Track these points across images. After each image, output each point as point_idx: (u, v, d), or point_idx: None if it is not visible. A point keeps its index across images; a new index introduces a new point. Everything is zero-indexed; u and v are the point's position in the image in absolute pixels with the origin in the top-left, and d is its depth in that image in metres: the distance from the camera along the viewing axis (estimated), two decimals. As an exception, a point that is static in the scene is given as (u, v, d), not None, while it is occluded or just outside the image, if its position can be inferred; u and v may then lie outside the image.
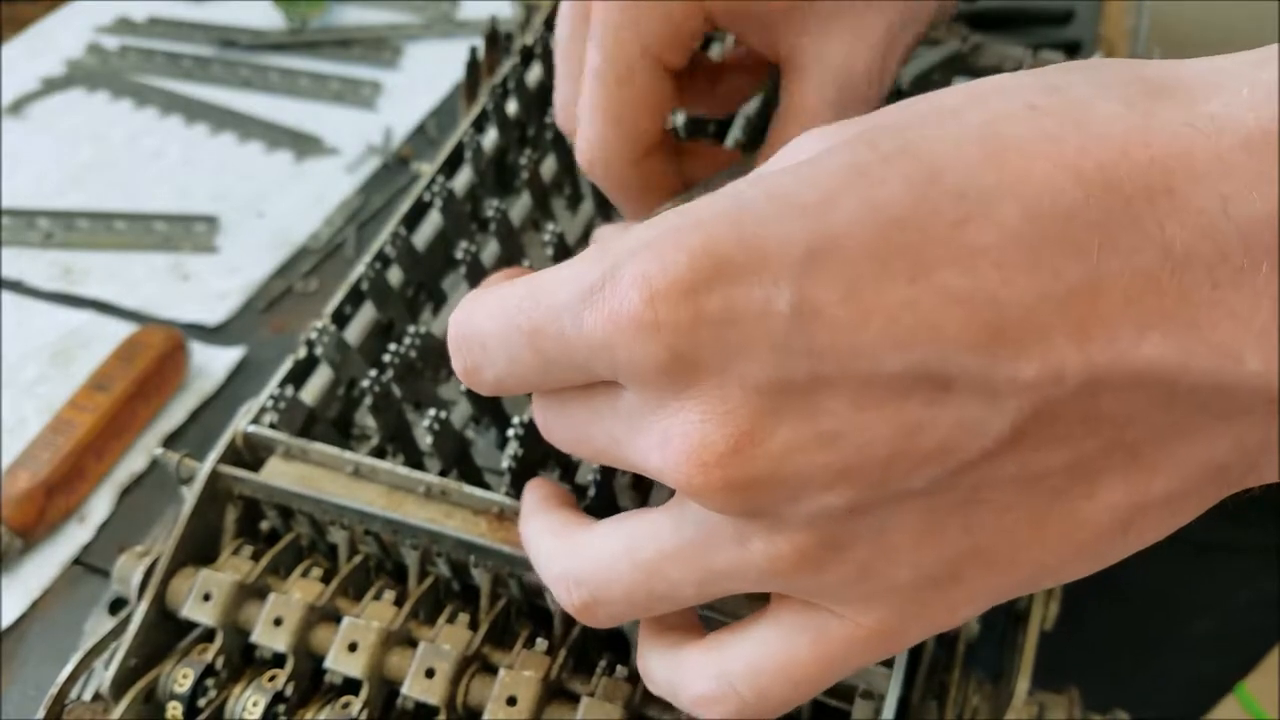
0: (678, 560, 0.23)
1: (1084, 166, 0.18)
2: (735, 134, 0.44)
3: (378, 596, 0.32)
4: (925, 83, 0.44)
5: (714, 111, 0.39)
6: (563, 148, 0.46)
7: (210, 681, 0.32)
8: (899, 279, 0.19)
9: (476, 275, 0.39)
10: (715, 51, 0.44)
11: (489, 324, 0.23)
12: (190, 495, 0.33)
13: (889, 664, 0.29)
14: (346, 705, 0.31)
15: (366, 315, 0.39)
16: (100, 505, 0.49)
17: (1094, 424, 0.19)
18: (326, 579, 0.33)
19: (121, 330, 0.55)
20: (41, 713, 0.32)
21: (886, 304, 0.19)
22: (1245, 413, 0.19)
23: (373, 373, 0.34)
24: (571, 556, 0.25)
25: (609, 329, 0.20)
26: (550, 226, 0.39)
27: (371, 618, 0.31)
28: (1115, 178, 0.18)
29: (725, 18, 0.32)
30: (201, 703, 0.31)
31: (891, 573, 0.21)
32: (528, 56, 0.49)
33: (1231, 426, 0.19)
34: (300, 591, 0.32)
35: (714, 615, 0.29)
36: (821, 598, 0.22)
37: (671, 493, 0.24)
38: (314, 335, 0.36)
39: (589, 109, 0.32)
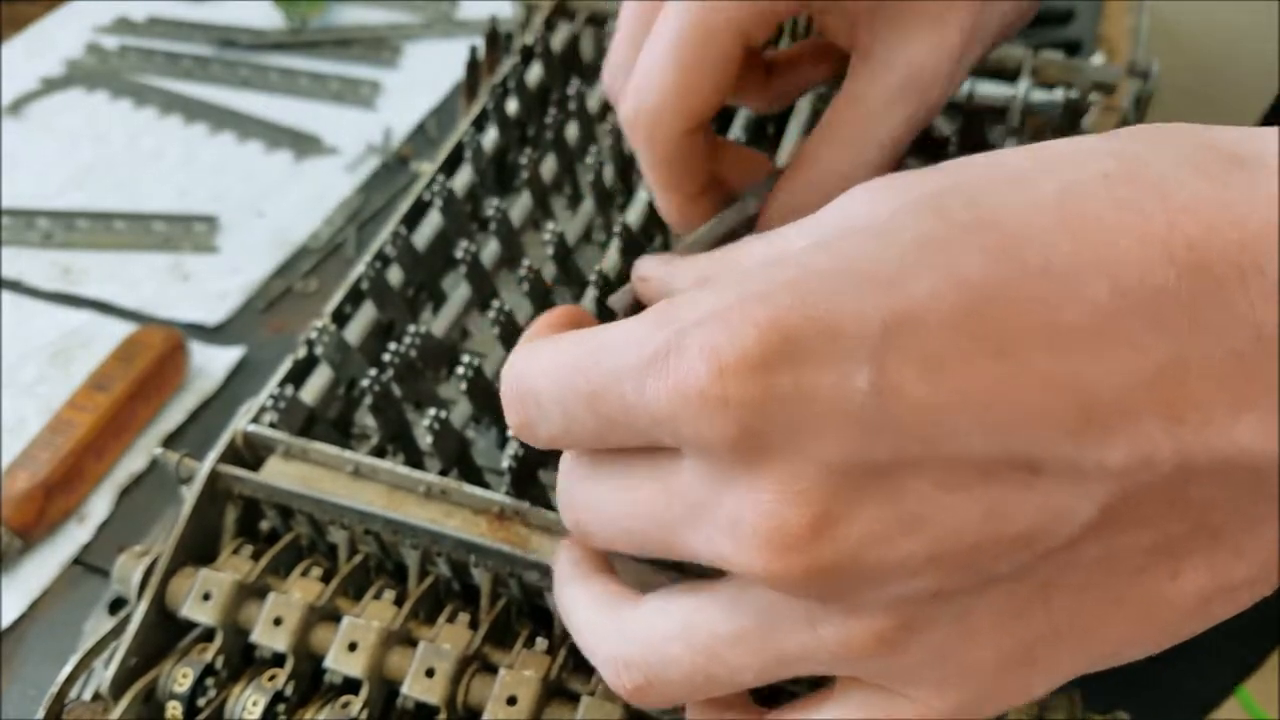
0: (739, 645, 0.22)
1: (1173, 243, 0.18)
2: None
3: (378, 596, 0.32)
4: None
5: (759, 106, 0.38)
6: (563, 148, 0.45)
7: (210, 681, 0.32)
8: (984, 357, 0.18)
9: (476, 275, 0.39)
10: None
11: (544, 381, 0.23)
12: (190, 495, 0.33)
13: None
14: (346, 705, 0.31)
15: (366, 315, 0.39)
16: (100, 505, 0.49)
17: (1181, 508, 0.19)
18: (326, 579, 0.33)
19: (121, 330, 0.55)
20: (41, 712, 0.31)
21: (972, 383, 0.18)
22: None
23: (373, 372, 0.34)
24: (621, 638, 0.24)
25: (675, 400, 0.19)
26: (550, 226, 0.38)
27: (371, 617, 0.31)
28: (1206, 257, 0.18)
29: (817, 2, 0.32)
30: (201, 702, 0.31)
31: (969, 656, 0.21)
32: (528, 56, 0.49)
33: None
34: (300, 591, 0.32)
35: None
36: (893, 681, 0.21)
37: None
38: (314, 335, 0.36)
39: (655, 67, 0.31)
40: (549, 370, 0.23)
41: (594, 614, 0.25)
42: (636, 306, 0.31)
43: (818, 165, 0.32)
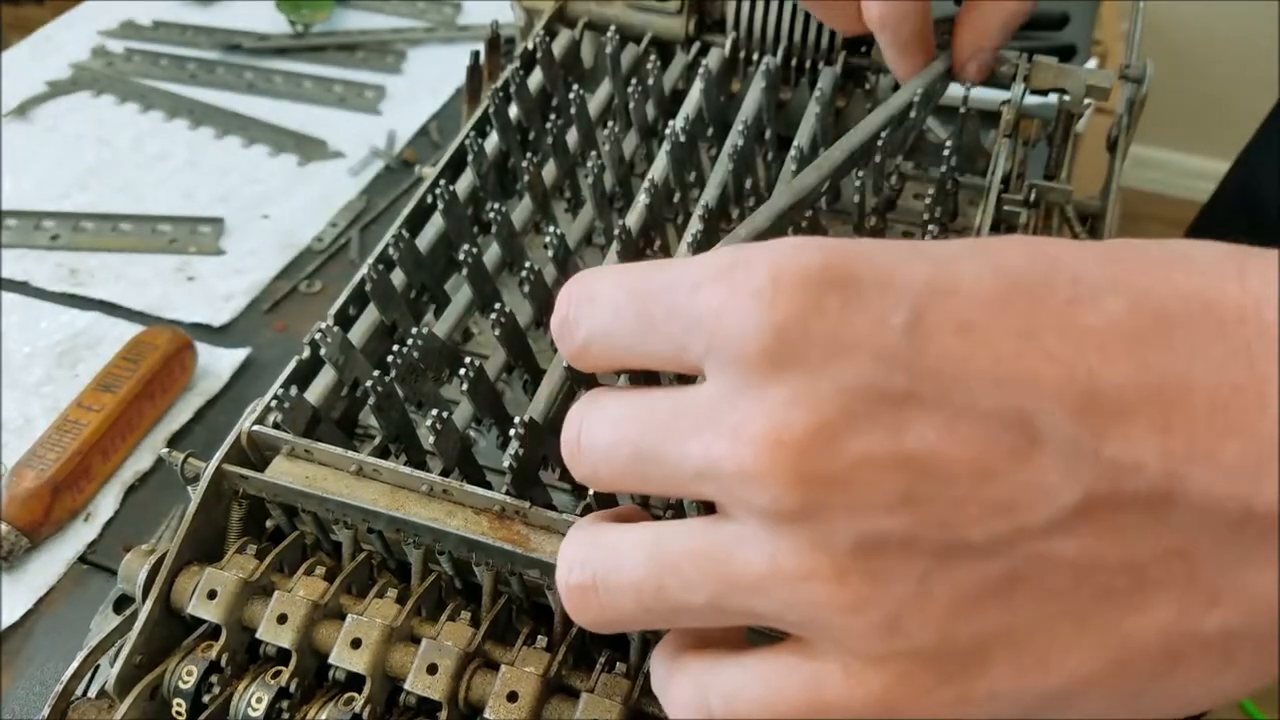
0: (699, 559, 0.22)
1: (1187, 288, 0.20)
2: None
3: (381, 594, 0.33)
4: (930, 94, 0.44)
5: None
6: (563, 152, 0.46)
7: (215, 678, 0.32)
8: (1010, 331, 0.19)
9: (478, 277, 0.40)
10: None
11: (607, 281, 0.24)
12: (195, 494, 0.34)
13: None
14: (350, 701, 0.31)
15: (370, 316, 0.40)
16: (106, 504, 0.49)
17: (1160, 529, 0.19)
18: (330, 577, 0.33)
19: (127, 331, 0.55)
20: (47, 709, 0.32)
21: (994, 345, 0.19)
22: None
23: (376, 373, 0.34)
24: (587, 538, 0.24)
25: (724, 298, 0.21)
26: (551, 229, 0.39)
27: (375, 615, 0.32)
28: (1213, 299, 0.19)
29: None
30: (206, 699, 0.32)
31: (918, 632, 0.20)
32: (529, 61, 0.49)
33: None
34: (304, 589, 0.33)
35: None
36: (835, 643, 0.21)
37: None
38: (318, 336, 0.36)
39: None
40: (617, 275, 0.24)
41: (578, 530, 0.25)
42: None
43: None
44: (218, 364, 0.56)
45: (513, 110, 0.47)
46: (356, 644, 0.31)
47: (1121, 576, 0.20)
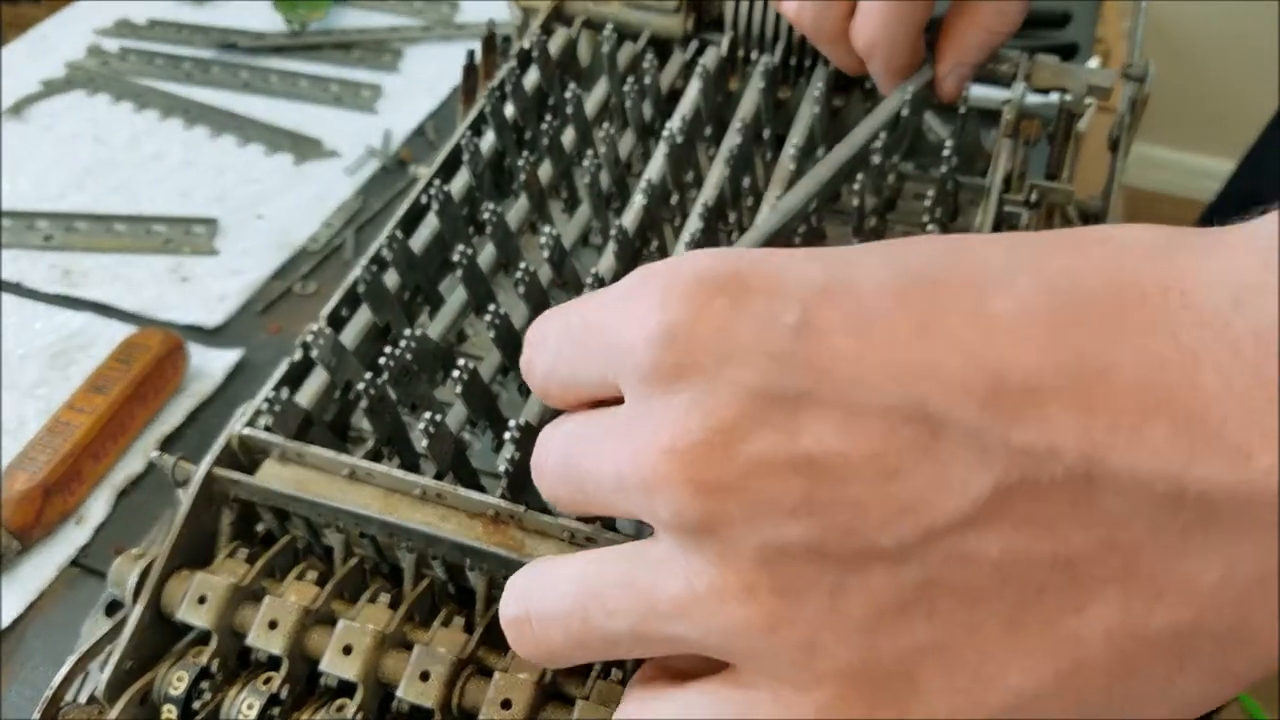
0: (620, 586, 0.21)
1: (1106, 266, 0.19)
2: None
3: (373, 599, 0.33)
4: (924, 94, 0.44)
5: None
6: (559, 152, 0.46)
7: (205, 684, 0.32)
8: (908, 323, 0.19)
9: (473, 278, 0.39)
10: None
11: (555, 319, 0.24)
12: (186, 498, 0.33)
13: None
14: (341, 708, 0.31)
15: (363, 318, 0.39)
16: (98, 507, 0.49)
17: (1088, 517, 0.18)
18: (322, 582, 0.33)
19: (121, 332, 0.55)
20: (37, 715, 0.32)
21: (892, 340, 0.19)
22: (1257, 528, 0.17)
23: (369, 375, 0.34)
24: (528, 570, 0.24)
25: (626, 314, 0.21)
26: (547, 230, 0.39)
27: (367, 620, 0.31)
28: (1134, 275, 0.18)
29: None
30: (196, 705, 0.31)
31: (839, 651, 0.19)
32: (525, 60, 0.49)
33: (1242, 546, 0.17)
34: (295, 594, 0.32)
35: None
36: (760, 668, 0.20)
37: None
38: (310, 338, 0.36)
39: None
40: (560, 311, 0.24)
41: (533, 562, 0.25)
42: None
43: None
44: (210, 365, 0.55)
45: (509, 109, 0.47)
46: (348, 650, 0.31)
47: (1052, 573, 0.18)
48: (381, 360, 0.35)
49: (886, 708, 0.19)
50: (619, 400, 0.22)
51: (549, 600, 0.23)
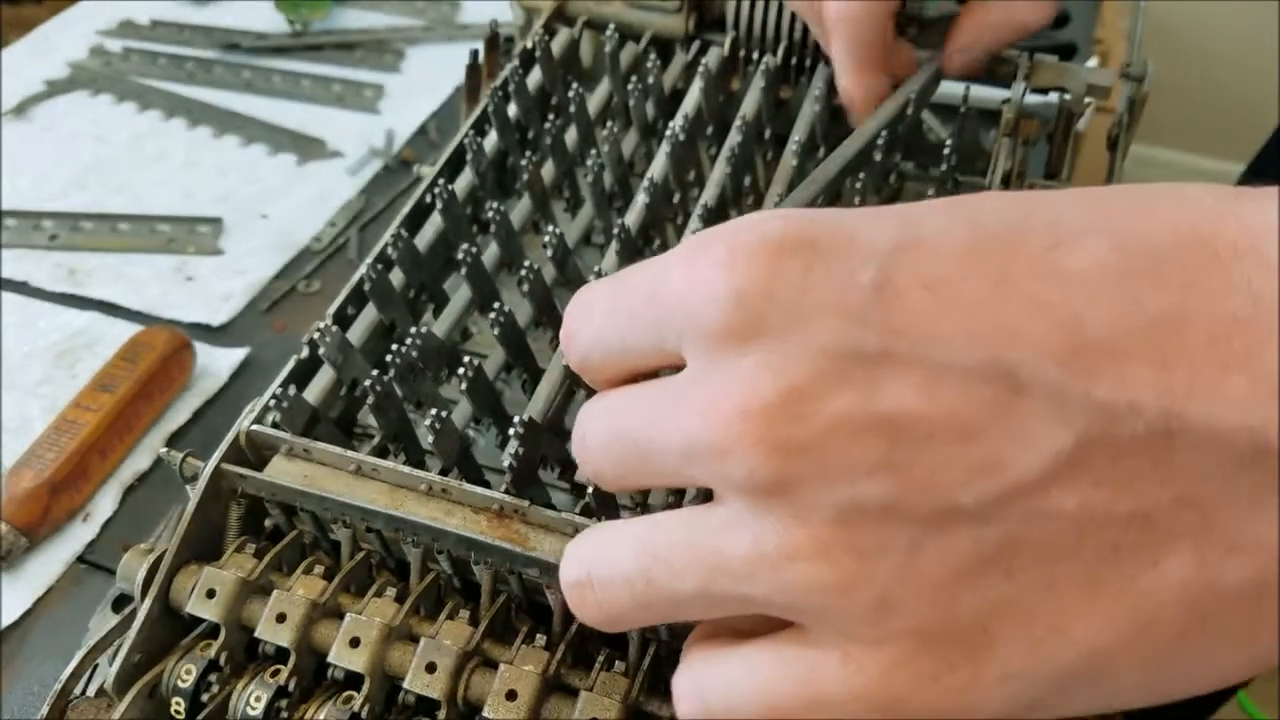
0: (685, 546, 0.21)
1: (1177, 223, 0.19)
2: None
3: (379, 593, 0.33)
4: (924, 93, 0.44)
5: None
6: (562, 151, 0.46)
7: (213, 677, 0.32)
8: (984, 281, 0.19)
9: (477, 276, 0.40)
10: None
11: (601, 288, 0.24)
12: (194, 493, 0.34)
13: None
14: (348, 700, 0.31)
15: (369, 316, 0.40)
16: (105, 504, 0.49)
17: (1165, 473, 0.18)
18: (329, 576, 0.33)
19: (126, 331, 0.55)
20: (45, 709, 0.32)
21: (969, 298, 0.19)
22: None
23: (375, 372, 0.34)
24: (588, 535, 0.24)
25: (687, 278, 0.20)
26: (550, 229, 0.39)
27: (373, 614, 0.32)
28: (1205, 232, 0.18)
29: None
30: (205, 698, 0.32)
31: (913, 610, 0.19)
32: (528, 60, 0.49)
33: None
34: (303, 588, 0.32)
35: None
36: (830, 627, 0.20)
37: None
38: (316, 336, 0.36)
39: None
40: (607, 281, 0.24)
41: (588, 531, 0.24)
42: None
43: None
44: (216, 364, 0.55)
45: (512, 109, 0.47)
46: (355, 643, 0.31)
47: (1129, 530, 0.18)
48: (387, 358, 0.36)
49: (959, 663, 0.19)
50: (671, 370, 0.22)
51: (612, 563, 0.22)
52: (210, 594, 0.32)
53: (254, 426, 0.34)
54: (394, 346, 0.36)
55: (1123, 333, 0.18)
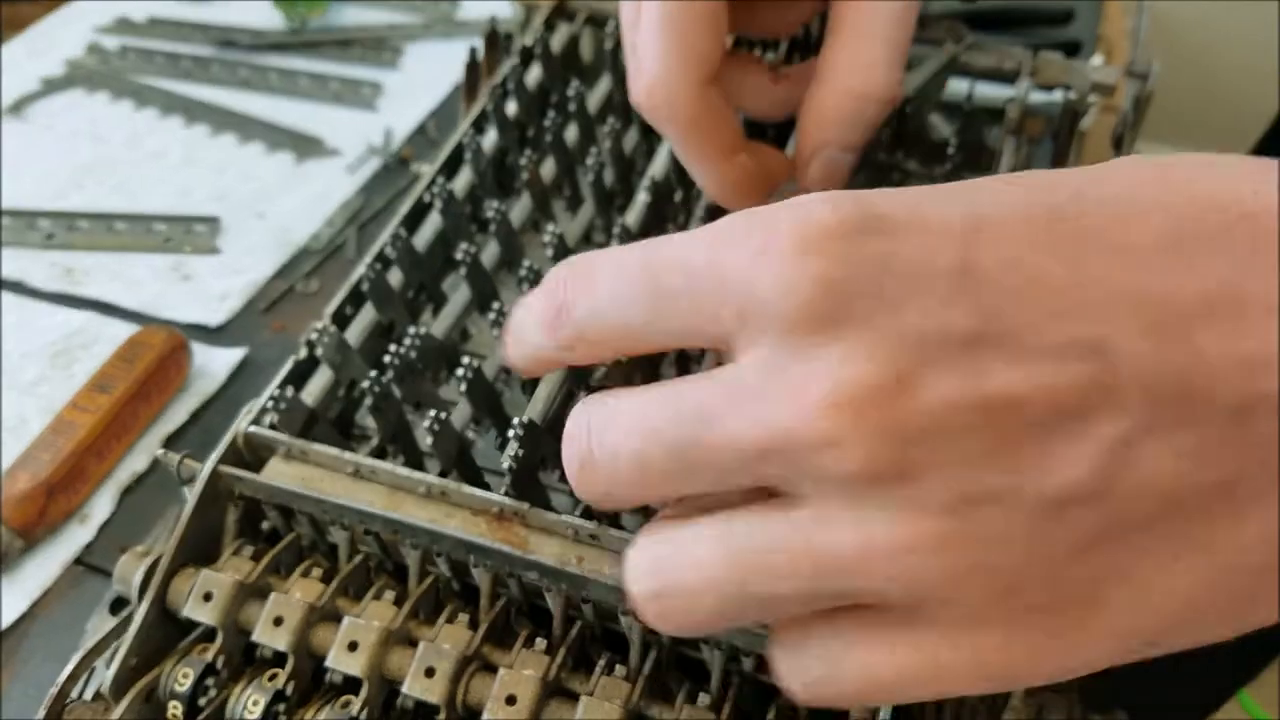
0: (779, 548, 0.20)
1: (1228, 200, 0.19)
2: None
3: (378, 596, 0.33)
4: (925, 89, 0.44)
5: (763, 111, 0.38)
6: (562, 149, 0.46)
7: (211, 681, 0.32)
8: (1058, 259, 0.19)
9: (476, 276, 0.39)
10: None
11: (608, 258, 0.22)
12: (191, 496, 0.34)
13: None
14: (347, 704, 0.31)
15: (367, 316, 0.39)
16: (101, 505, 0.49)
17: (1246, 441, 0.18)
18: (327, 579, 0.33)
19: (123, 331, 0.55)
20: (42, 712, 0.32)
21: (1048, 278, 0.19)
22: None
23: (373, 373, 0.34)
24: (652, 543, 0.22)
25: (752, 259, 0.19)
26: (550, 228, 0.39)
27: (372, 617, 0.31)
28: (1256, 208, 0.19)
29: None
30: (202, 702, 0.31)
31: (1034, 592, 0.19)
32: (527, 57, 0.49)
33: None
34: (301, 591, 0.32)
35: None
36: (944, 609, 0.20)
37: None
38: (314, 336, 0.36)
39: (648, 40, 0.31)
40: (614, 251, 0.22)
41: (643, 534, 0.23)
42: None
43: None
44: (214, 364, 0.55)
45: (511, 107, 0.47)
46: (353, 646, 0.31)
47: (1215, 497, 0.19)
48: (386, 358, 0.35)
49: (1070, 628, 0.20)
50: (683, 356, 0.21)
51: (695, 570, 0.21)
52: (207, 597, 0.32)
53: (251, 428, 0.34)
54: (393, 347, 0.36)
55: (1191, 305, 0.18)
